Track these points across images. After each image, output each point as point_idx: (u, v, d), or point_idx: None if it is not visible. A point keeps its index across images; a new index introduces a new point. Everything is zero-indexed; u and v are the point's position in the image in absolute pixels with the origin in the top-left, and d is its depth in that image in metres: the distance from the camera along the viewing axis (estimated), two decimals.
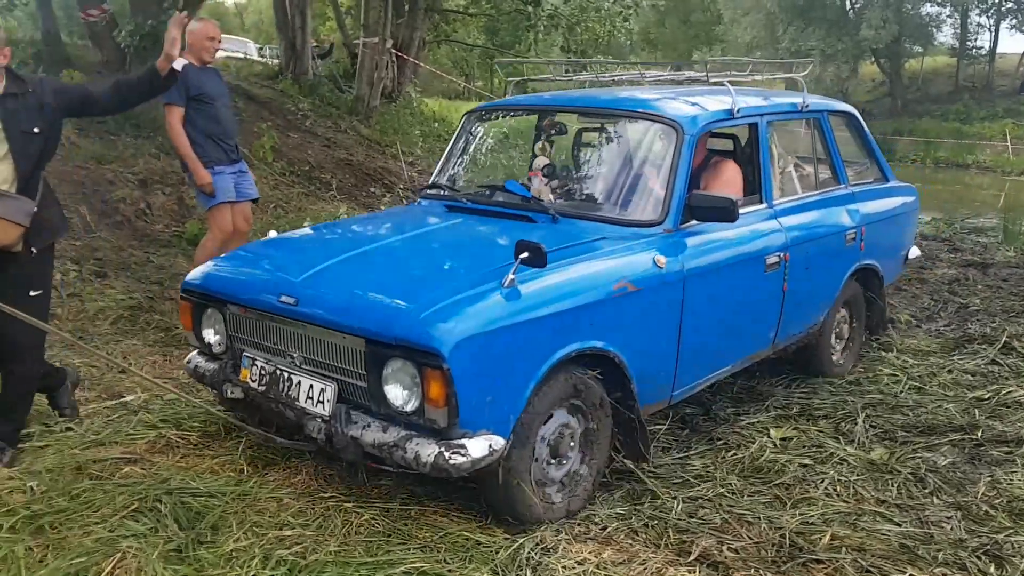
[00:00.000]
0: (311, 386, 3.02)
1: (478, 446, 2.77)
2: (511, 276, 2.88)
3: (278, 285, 3.14)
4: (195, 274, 3.50)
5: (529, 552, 2.85)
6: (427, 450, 2.75)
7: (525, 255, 2.89)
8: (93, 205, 6.80)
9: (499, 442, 2.82)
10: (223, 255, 3.67)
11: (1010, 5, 34.88)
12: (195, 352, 3.58)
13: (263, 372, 3.18)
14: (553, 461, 3.13)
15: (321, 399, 2.99)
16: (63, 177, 6.80)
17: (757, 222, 3.99)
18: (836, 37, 33.42)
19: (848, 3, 35.96)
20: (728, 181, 4.17)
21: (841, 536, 3.05)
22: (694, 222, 3.62)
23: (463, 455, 2.73)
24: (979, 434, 3.95)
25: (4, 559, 2.67)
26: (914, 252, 5.61)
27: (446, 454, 2.72)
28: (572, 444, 3.20)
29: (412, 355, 2.73)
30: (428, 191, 4.21)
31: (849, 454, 3.74)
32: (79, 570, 2.63)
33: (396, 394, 2.82)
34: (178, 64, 3.65)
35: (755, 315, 4.01)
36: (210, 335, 3.42)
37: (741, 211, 3.93)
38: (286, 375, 3.10)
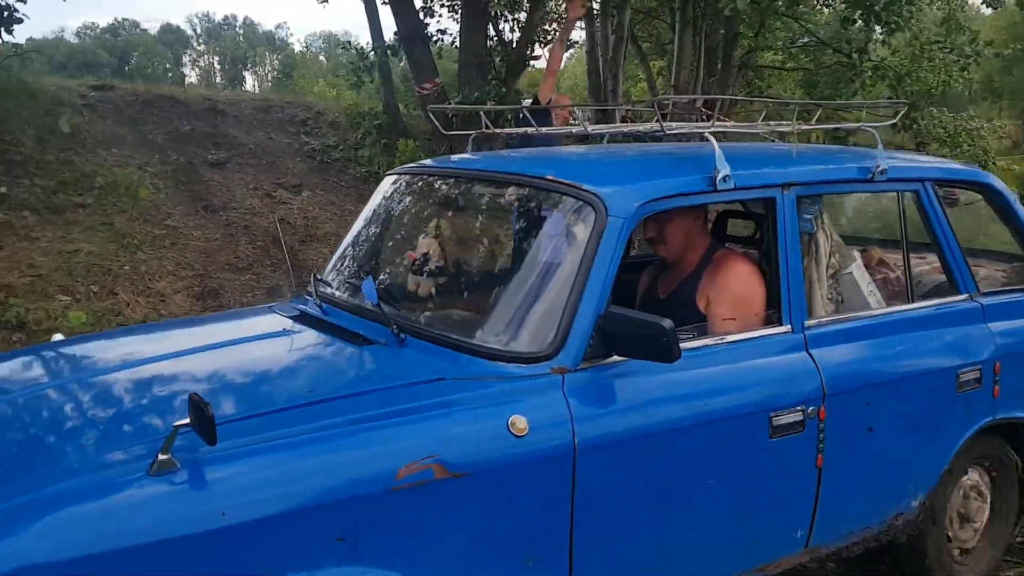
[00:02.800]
0: None
1: None
2: (163, 456, 1.68)
3: None
4: None
5: None
6: None
7: (185, 422, 1.68)
8: None
9: None
10: None
11: None
12: None
13: None
14: None
15: None
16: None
17: (760, 356, 2.46)
18: None
19: None
20: (734, 294, 2.65)
21: None
22: (616, 358, 2.20)
23: None
24: None
25: None
26: None
27: None
28: None
29: None
30: (309, 288, 3.02)
31: None
32: None
33: None
34: None
35: (753, 508, 2.46)
36: None
37: (740, 337, 2.48)
38: None
